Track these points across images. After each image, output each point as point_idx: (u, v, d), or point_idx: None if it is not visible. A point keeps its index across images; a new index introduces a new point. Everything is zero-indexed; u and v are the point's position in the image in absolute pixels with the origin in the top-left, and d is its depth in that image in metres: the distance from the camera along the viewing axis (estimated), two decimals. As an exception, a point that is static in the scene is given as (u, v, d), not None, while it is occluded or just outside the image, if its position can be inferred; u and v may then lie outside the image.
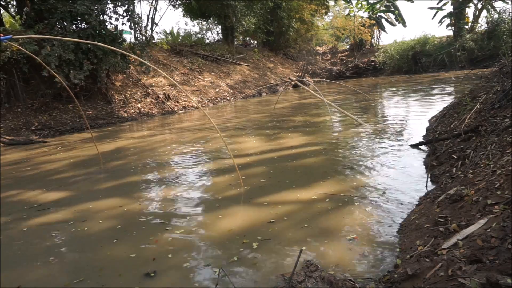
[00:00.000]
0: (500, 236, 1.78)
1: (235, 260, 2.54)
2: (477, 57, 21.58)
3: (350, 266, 2.33)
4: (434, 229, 2.38)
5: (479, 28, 23.68)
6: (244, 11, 20.17)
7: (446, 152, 4.22)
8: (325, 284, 2.05)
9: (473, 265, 1.68)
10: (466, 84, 11.60)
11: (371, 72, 27.29)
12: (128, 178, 4.98)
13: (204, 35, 23.95)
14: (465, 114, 5.30)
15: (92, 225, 3.38)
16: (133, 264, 2.59)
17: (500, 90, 4.89)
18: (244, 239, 2.84)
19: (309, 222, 3.03)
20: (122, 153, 6.77)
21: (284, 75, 23.58)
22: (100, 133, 9.70)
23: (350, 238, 2.69)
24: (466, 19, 23.92)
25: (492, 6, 22.66)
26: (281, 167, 4.81)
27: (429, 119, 7.17)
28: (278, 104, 12.37)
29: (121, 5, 11.97)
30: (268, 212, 3.33)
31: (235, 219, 3.31)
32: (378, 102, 11.71)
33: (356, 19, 28.36)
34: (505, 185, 2.36)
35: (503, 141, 3.41)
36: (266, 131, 7.71)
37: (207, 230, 3.10)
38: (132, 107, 12.89)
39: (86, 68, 10.53)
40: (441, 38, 25.82)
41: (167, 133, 9.01)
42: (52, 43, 9.73)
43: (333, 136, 6.88)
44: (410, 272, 1.89)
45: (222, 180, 4.48)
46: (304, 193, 3.74)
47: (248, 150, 6.03)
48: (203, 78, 17.47)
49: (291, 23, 24.79)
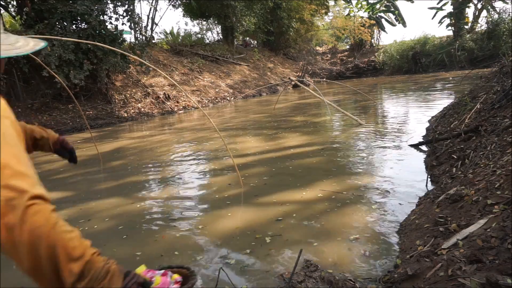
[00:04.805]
0: (500, 236, 1.78)
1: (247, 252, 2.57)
2: (477, 57, 21.57)
3: (350, 266, 2.33)
4: (434, 229, 2.38)
5: (479, 28, 23.68)
6: (244, 11, 20.16)
7: (446, 152, 4.22)
8: (325, 284, 2.05)
9: (473, 265, 1.68)
10: (466, 84, 11.60)
11: (371, 72, 27.29)
12: (128, 178, 4.98)
13: (204, 35, 23.94)
14: (465, 114, 5.30)
15: (98, 223, 3.41)
16: (141, 261, 2.59)
17: (500, 90, 4.89)
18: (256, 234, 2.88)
19: (308, 222, 3.03)
20: (122, 153, 6.77)
21: (284, 75, 23.58)
22: (100, 133, 9.71)
23: (353, 238, 2.68)
24: (466, 19, 23.92)
25: (492, 6, 22.66)
26: (281, 167, 4.81)
27: (429, 119, 7.17)
28: (278, 104, 12.37)
29: (121, 5, 11.97)
30: (269, 211, 3.33)
31: (239, 217, 3.31)
32: (378, 102, 11.71)
33: (356, 19, 28.36)
34: (505, 185, 2.36)
35: (503, 141, 3.41)
36: (266, 131, 7.71)
37: (213, 228, 3.11)
38: (132, 107, 12.89)
39: (86, 68, 10.54)
40: (441, 38, 25.81)
41: (167, 133, 9.01)
42: (52, 43, 9.73)
43: (333, 136, 6.87)
44: (410, 272, 1.89)
45: (222, 180, 4.48)
46: (304, 193, 3.74)
47: (248, 150, 6.03)
48: (203, 78, 17.47)
49: (291, 23, 24.78)
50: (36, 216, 0.71)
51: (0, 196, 0.70)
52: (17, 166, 0.74)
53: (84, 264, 0.75)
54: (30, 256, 0.71)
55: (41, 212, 0.72)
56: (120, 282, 0.81)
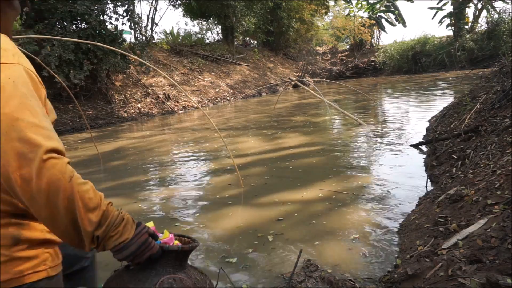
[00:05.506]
0: (500, 236, 1.78)
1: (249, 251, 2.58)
2: (477, 57, 21.57)
3: (350, 266, 2.33)
4: (434, 229, 2.38)
5: (479, 28, 23.68)
6: (244, 11, 20.16)
7: (446, 152, 4.22)
8: (325, 284, 2.05)
9: (473, 265, 1.68)
10: (466, 84, 11.60)
11: (371, 72, 27.28)
12: (128, 178, 4.98)
13: (204, 35, 23.93)
14: (465, 114, 5.30)
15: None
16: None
17: (500, 90, 4.89)
18: (258, 233, 2.88)
19: (308, 222, 3.04)
20: (122, 153, 6.77)
21: (284, 75, 23.58)
22: (100, 133, 9.71)
23: (353, 238, 2.68)
24: (466, 19, 23.92)
25: (492, 6, 22.66)
26: (281, 167, 4.81)
27: (429, 119, 7.17)
28: (278, 104, 12.37)
29: (121, 5, 11.97)
30: (270, 211, 3.34)
31: (240, 216, 3.31)
32: (378, 102, 11.71)
33: (356, 19, 28.35)
34: (505, 185, 2.36)
35: (503, 141, 3.41)
36: (266, 131, 7.71)
37: (213, 227, 3.11)
38: (132, 107, 12.89)
39: (86, 68, 10.53)
40: (441, 38, 25.81)
41: (167, 133, 9.01)
42: (52, 43, 9.73)
43: (333, 136, 6.88)
44: (410, 272, 1.89)
45: (223, 180, 4.48)
46: (304, 193, 3.74)
47: (248, 150, 6.03)
48: (203, 78, 17.47)
49: (291, 23, 24.78)
50: (53, 170, 0.74)
51: (15, 149, 0.72)
52: (31, 118, 0.75)
53: (101, 213, 0.81)
54: (47, 207, 0.75)
55: (57, 165, 0.75)
56: (133, 229, 0.89)
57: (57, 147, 0.77)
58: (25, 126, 0.73)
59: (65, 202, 0.75)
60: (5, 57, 0.78)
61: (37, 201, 0.74)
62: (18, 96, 0.75)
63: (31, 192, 0.73)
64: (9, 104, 0.73)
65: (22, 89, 0.76)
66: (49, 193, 0.74)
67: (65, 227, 0.78)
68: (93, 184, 0.83)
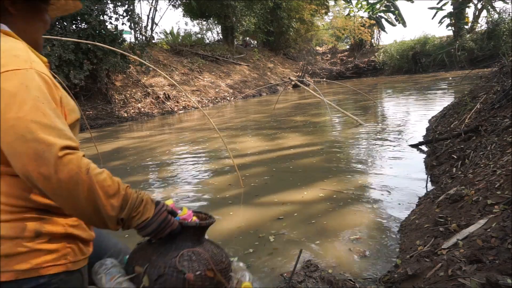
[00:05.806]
0: (500, 236, 1.78)
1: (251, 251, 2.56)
2: (477, 57, 21.58)
3: (350, 266, 2.33)
4: (434, 229, 2.38)
5: (479, 28, 23.69)
6: (244, 11, 20.16)
7: (446, 152, 4.22)
8: (325, 284, 2.06)
9: (473, 265, 1.68)
10: (466, 84, 11.60)
11: (371, 72, 27.29)
12: (128, 178, 4.98)
13: (204, 35, 23.95)
14: (465, 114, 5.30)
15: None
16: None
17: (500, 90, 4.89)
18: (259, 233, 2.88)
19: (309, 222, 3.04)
20: (122, 153, 6.77)
21: (284, 75, 23.59)
22: (100, 133, 9.71)
23: (353, 238, 2.68)
24: (466, 19, 23.92)
25: (492, 6, 22.67)
26: (281, 167, 4.81)
27: (429, 119, 7.17)
28: (278, 104, 12.37)
29: (121, 5, 11.97)
30: (270, 211, 3.34)
31: (240, 216, 3.31)
32: (378, 102, 11.71)
33: (356, 19, 28.35)
34: (505, 185, 2.36)
35: (503, 141, 3.41)
36: (266, 131, 7.71)
37: (214, 227, 3.07)
38: (132, 107, 12.89)
39: (86, 68, 10.53)
40: (441, 38, 25.82)
41: (167, 133, 9.01)
42: (52, 43, 9.73)
43: (333, 136, 6.88)
44: (410, 272, 1.89)
45: (223, 180, 4.48)
46: (305, 192, 3.74)
47: (248, 150, 6.04)
48: (203, 78, 17.47)
49: (291, 23, 24.78)
50: (70, 165, 0.79)
51: (31, 149, 0.77)
52: (44, 120, 0.80)
53: (122, 197, 0.87)
54: (70, 200, 0.82)
55: (73, 160, 0.80)
56: (153, 208, 0.96)
57: (70, 144, 0.82)
58: (39, 128, 0.78)
59: (85, 193, 0.81)
60: (17, 64, 0.83)
61: (60, 195, 0.80)
62: (31, 99, 0.80)
63: (53, 188, 0.79)
64: (23, 109, 0.78)
65: (34, 93, 0.81)
66: (69, 187, 0.80)
67: (90, 215, 0.85)
68: (109, 172, 0.88)
